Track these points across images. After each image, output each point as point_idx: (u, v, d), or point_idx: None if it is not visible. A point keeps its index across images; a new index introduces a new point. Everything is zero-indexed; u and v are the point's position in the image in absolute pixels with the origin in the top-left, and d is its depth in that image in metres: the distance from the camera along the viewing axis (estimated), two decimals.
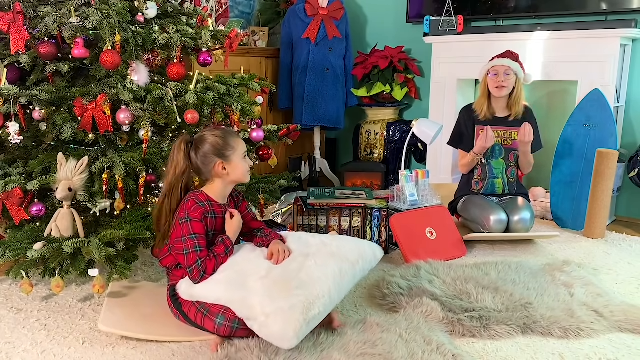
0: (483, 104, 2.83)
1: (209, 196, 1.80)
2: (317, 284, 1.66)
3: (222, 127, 1.87)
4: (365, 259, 1.85)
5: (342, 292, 1.74)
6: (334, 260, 1.76)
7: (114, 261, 1.91)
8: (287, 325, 1.53)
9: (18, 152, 2.18)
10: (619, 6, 3.06)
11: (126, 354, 1.70)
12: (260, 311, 1.59)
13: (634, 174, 2.93)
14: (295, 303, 1.58)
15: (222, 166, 1.78)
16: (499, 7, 3.45)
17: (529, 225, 2.70)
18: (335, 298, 1.69)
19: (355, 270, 1.80)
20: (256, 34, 4.00)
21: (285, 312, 1.56)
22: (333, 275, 1.71)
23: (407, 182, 2.74)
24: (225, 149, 1.79)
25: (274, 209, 2.99)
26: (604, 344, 1.76)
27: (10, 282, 2.20)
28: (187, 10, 2.35)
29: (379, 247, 1.94)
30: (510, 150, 2.83)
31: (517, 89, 2.78)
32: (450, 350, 1.64)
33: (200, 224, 1.74)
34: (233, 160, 1.80)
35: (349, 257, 1.80)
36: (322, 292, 1.64)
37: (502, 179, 2.85)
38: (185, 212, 1.74)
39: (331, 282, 1.68)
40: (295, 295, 1.61)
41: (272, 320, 1.56)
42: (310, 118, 3.75)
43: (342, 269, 1.75)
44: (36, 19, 2.03)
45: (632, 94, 3.15)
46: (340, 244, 1.86)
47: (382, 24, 4.12)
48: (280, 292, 1.62)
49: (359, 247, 1.88)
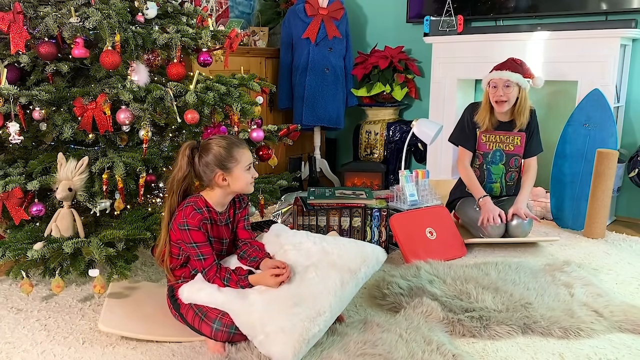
0: (485, 117, 2.71)
1: (207, 202, 1.79)
2: (318, 299, 1.64)
3: (229, 137, 1.82)
4: (368, 264, 1.82)
5: (344, 303, 1.73)
6: (335, 271, 1.74)
7: (114, 261, 1.91)
8: (287, 347, 1.53)
9: (18, 152, 2.18)
10: (619, 6, 3.06)
11: (126, 354, 1.70)
12: (260, 329, 1.59)
13: (634, 174, 2.93)
14: (295, 323, 1.57)
15: (222, 177, 1.76)
16: (499, 7, 3.45)
17: (528, 229, 2.67)
18: (337, 312, 1.69)
19: (358, 279, 1.77)
20: (256, 34, 4.00)
21: (285, 333, 1.55)
22: (334, 288, 1.69)
23: (407, 182, 2.74)
24: (227, 161, 1.76)
25: (274, 209, 2.99)
26: (604, 344, 1.76)
27: (10, 282, 2.20)
28: (187, 10, 2.35)
29: (382, 250, 1.89)
30: (512, 156, 2.76)
31: (521, 99, 2.65)
32: (450, 350, 1.64)
33: (199, 232, 1.73)
34: (234, 172, 1.77)
35: (350, 267, 1.77)
36: (323, 309, 1.63)
37: (500, 183, 2.81)
38: (183, 219, 1.73)
39: (332, 297, 1.67)
40: (296, 314, 1.59)
41: (271, 340, 1.56)
42: (310, 118, 3.75)
43: (343, 281, 1.73)
44: (36, 19, 2.03)
45: (632, 94, 3.15)
46: (342, 252, 1.82)
47: (382, 24, 4.12)
48: (280, 310, 1.61)
49: (361, 252, 1.84)
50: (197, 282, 1.76)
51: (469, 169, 2.80)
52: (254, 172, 1.84)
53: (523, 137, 2.75)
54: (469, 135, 2.81)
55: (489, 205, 2.65)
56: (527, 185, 2.73)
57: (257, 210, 2.49)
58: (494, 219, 2.59)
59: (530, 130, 2.75)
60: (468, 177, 2.79)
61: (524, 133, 2.75)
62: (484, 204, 2.66)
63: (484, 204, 2.66)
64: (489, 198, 2.68)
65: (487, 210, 2.63)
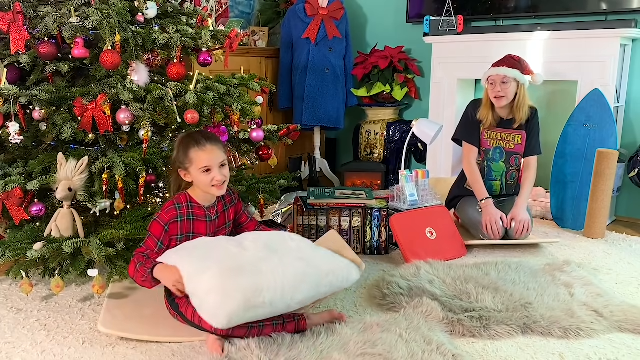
0: (487, 114, 2.73)
1: (191, 197, 1.80)
2: (272, 275, 1.59)
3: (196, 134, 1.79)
4: (337, 275, 1.73)
5: (299, 294, 1.63)
6: (301, 263, 1.67)
7: (114, 261, 1.91)
8: (223, 304, 1.49)
9: (18, 152, 2.19)
10: (619, 6, 3.06)
11: (126, 354, 1.70)
12: (205, 286, 1.55)
13: (634, 174, 2.93)
14: (240, 284, 1.52)
15: (184, 174, 1.79)
16: (499, 7, 3.45)
17: (527, 235, 2.66)
18: (288, 297, 1.60)
19: (321, 280, 1.68)
20: (256, 34, 4.00)
21: (226, 290, 1.51)
22: (294, 274, 1.62)
23: (407, 182, 2.73)
24: (183, 160, 1.77)
25: (274, 209, 2.99)
26: (604, 344, 1.76)
27: (10, 282, 2.20)
28: (187, 10, 2.35)
29: (356, 270, 1.79)
30: (512, 154, 2.76)
31: (520, 95, 2.66)
32: (450, 350, 1.64)
33: (161, 227, 1.74)
34: (191, 172, 1.78)
35: (319, 266, 1.70)
36: (274, 285, 1.57)
37: (501, 181, 2.81)
38: (160, 211, 1.76)
39: (288, 280, 1.60)
40: (245, 278, 1.54)
41: (211, 296, 1.53)
42: (310, 118, 3.76)
43: (306, 272, 1.65)
44: (36, 19, 2.03)
45: (632, 94, 3.15)
46: (316, 254, 1.75)
47: (382, 24, 4.12)
48: (231, 273, 1.56)
49: (335, 261, 1.76)
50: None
51: (474, 167, 2.77)
52: (217, 174, 1.75)
53: (523, 136, 2.75)
54: (473, 130, 2.79)
55: (490, 208, 2.64)
56: (526, 187, 2.72)
57: (257, 210, 2.49)
58: (497, 230, 2.59)
59: (530, 129, 2.74)
60: (473, 176, 2.76)
61: (524, 132, 2.74)
62: (486, 206, 2.66)
63: (486, 206, 2.66)
64: (491, 201, 2.68)
65: (488, 214, 2.63)
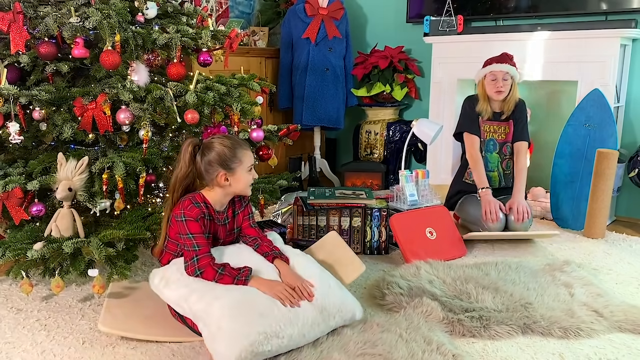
0: (487, 107, 2.86)
1: (206, 199, 1.79)
2: (282, 322, 1.60)
3: (233, 137, 1.80)
4: (344, 316, 1.75)
5: (304, 341, 1.65)
6: (312, 307, 1.68)
7: (114, 261, 1.91)
8: (232, 350, 1.50)
9: (18, 152, 2.18)
10: (619, 6, 3.06)
11: (126, 354, 1.70)
12: (216, 321, 1.56)
13: (634, 174, 2.93)
14: (250, 332, 1.53)
15: (224, 177, 1.75)
16: (499, 7, 3.46)
17: (528, 224, 2.70)
18: (293, 344, 1.62)
19: (328, 325, 1.71)
20: (256, 34, 4.00)
21: (237, 336, 1.52)
22: (303, 322, 1.63)
23: (407, 182, 2.74)
24: (231, 161, 1.75)
25: (274, 209, 2.99)
26: (604, 344, 1.76)
27: (10, 282, 2.20)
28: (187, 10, 2.35)
29: (360, 308, 1.81)
30: (503, 143, 2.89)
31: (513, 91, 2.83)
32: (450, 350, 1.64)
33: (197, 223, 1.72)
34: (237, 173, 1.77)
35: (328, 309, 1.71)
36: (282, 333, 1.58)
37: (498, 171, 2.88)
38: (181, 211, 1.73)
39: (297, 328, 1.62)
40: (256, 324, 1.56)
41: (220, 337, 1.53)
42: (310, 118, 3.76)
43: (314, 321, 1.66)
44: (36, 19, 2.03)
45: (632, 94, 3.15)
46: (325, 292, 1.74)
47: (382, 24, 4.12)
48: (243, 313, 1.58)
49: (342, 300, 1.76)
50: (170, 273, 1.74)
51: (479, 155, 2.83)
52: (254, 173, 1.83)
53: (511, 125, 2.88)
54: (473, 122, 2.89)
55: (489, 197, 2.73)
56: (520, 175, 2.80)
57: (257, 210, 2.49)
58: (496, 214, 2.65)
59: (516, 118, 2.87)
60: (477, 164, 2.82)
61: (511, 120, 2.88)
62: (484, 195, 2.74)
63: (484, 195, 2.74)
64: (490, 190, 2.76)
65: (487, 202, 2.71)
